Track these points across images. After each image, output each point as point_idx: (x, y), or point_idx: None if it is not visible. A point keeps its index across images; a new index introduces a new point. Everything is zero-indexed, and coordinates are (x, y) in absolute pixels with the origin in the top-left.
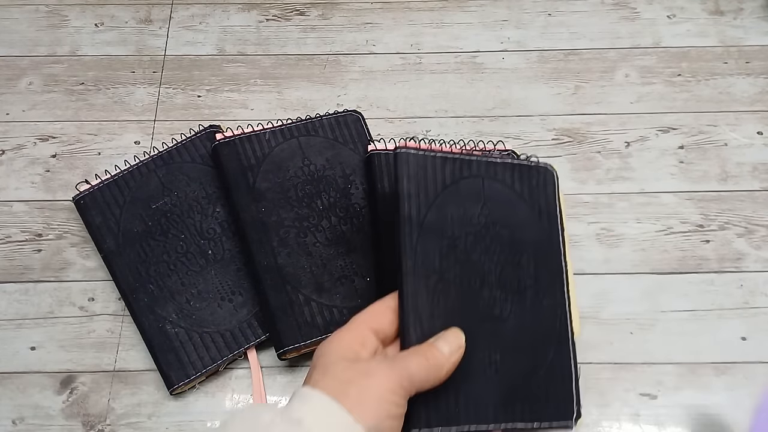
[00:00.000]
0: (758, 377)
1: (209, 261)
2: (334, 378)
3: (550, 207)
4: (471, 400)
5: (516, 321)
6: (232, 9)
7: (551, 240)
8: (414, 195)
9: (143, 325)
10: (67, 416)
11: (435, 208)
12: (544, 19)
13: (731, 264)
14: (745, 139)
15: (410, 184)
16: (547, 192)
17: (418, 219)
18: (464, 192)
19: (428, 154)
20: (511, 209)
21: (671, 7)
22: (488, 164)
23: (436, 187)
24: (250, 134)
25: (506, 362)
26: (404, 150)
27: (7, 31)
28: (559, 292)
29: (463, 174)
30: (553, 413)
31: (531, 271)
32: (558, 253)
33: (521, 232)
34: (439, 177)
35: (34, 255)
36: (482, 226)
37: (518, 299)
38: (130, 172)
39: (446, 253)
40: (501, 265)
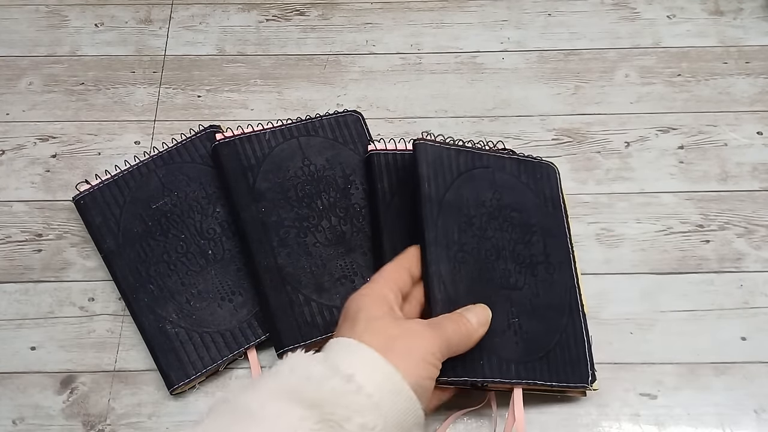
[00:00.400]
0: (758, 377)
1: (209, 261)
2: (379, 333)
3: (554, 195)
4: (494, 356)
5: (530, 290)
6: (232, 9)
7: (557, 224)
8: (433, 177)
9: (143, 325)
10: (68, 416)
11: (453, 190)
12: (544, 19)
13: (731, 264)
14: (745, 139)
15: (428, 169)
16: (551, 183)
17: (437, 197)
18: (477, 179)
19: (443, 146)
20: (519, 196)
21: (671, 8)
22: (497, 158)
23: (452, 173)
24: (250, 134)
25: (524, 325)
26: (422, 141)
27: (7, 31)
28: (567, 269)
29: (476, 164)
30: (570, 374)
31: (541, 248)
32: (564, 236)
33: (530, 216)
34: (454, 165)
35: (34, 255)
36: (494, 207)
37: (530, 272)
38: (130, 172)
39: (464, 228)
40: (513, 242)
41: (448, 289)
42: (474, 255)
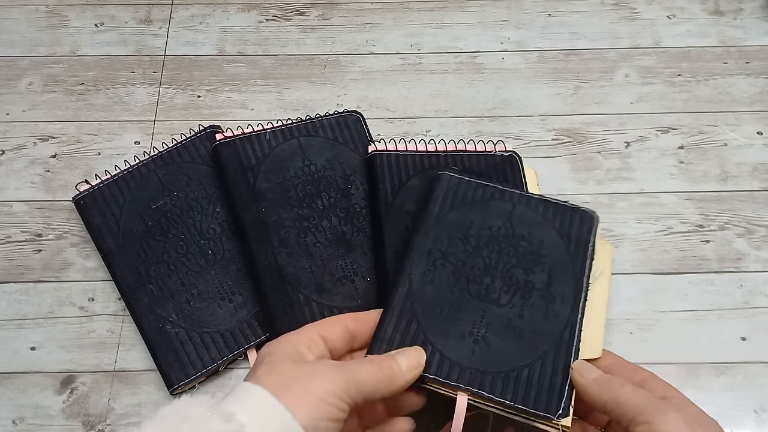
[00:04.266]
0: (758, 377)
1: (209, 261)
2: (278, 375)
3: (581, 239)
4: (438, 353)
5: (513, 310)
6: (232, 9)
7: (575, 265)
8: (442, 200)
9: (143, 325)
10: (68, 416)
11: (459, 212)
12: (544, 19)
13: (731, 264)
14: (745, 140)
15: (442, 193)
16: (582, 228)
17: (439, 214)
18: (492, 210)
19: (465, 179)
20: (537, 231)
21: (671, 8)
22: (521, 196)
23: (465, 198)
24: (250, 134)
25: (490, 338)
26: (445, 173)
27: (7, 31)
28: (569, 305)
29: (495, 197)
30: (533, 399)
31: (543, 279)
32: (580, 277)
33: (542, 250)
34: (470, 195)
35: (34, 255)
36: (501, 234)
37: (521, 294)
38: (130, 173)
39: (456, 243)
40: (510, 266)
41: (412, 288)
42: (456, 265)
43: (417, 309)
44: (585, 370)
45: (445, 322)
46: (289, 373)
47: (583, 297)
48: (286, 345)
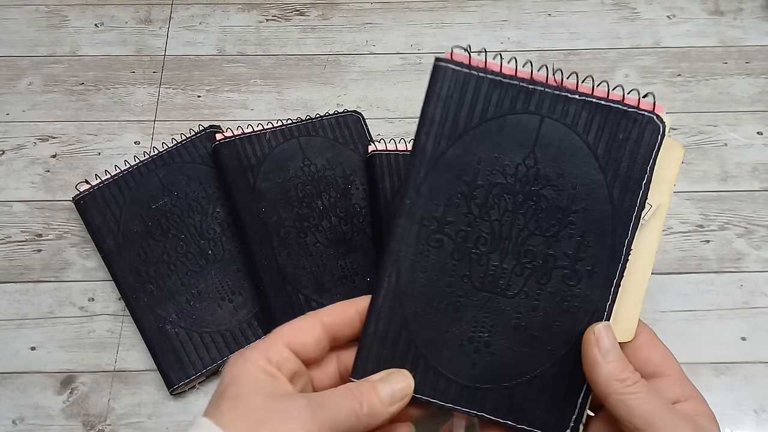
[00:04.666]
0: (758, 377)
1: (209, 261)
2: (244, 414)
3: (633, 173)
4: (432, 369)
5: (525, 302)
6: (232, 9)
7: (619, 219)
8: (438, 122)
9: (143, 325)
10: (68, 416)
11: (461, 145)
12: (544, 19)
13: (731, 264)
14: (745, 139)
15: (437, 108)
16: (637, 152)
17: (433, 153)
18: (510, 131)
19: (474, 73)
20: (570, 165)
21: (671, 8)
22: (557, 98)
23: (470, 118)
24: (250, 134)
25: (494, 344)
26: (444, 63)
27: (7, 31)
28: (602, 287)
29: (516, 107)
30: (540, 419)
31: (571, 248)
32: (622, 237)
33: (575, 199)
34: (480, 105)
35: (34, 255)
36: (519, 178)
37: (537, 278)
38: (130, 172)
39: (456, 202)
40: (529, 231)
41: (400, 280)
42: (456, 239)
43: (407, 311)
44: (605, 344)
45: (441, 326)
46: (256, 413)
47: (620, 271)
48: (252, 368)
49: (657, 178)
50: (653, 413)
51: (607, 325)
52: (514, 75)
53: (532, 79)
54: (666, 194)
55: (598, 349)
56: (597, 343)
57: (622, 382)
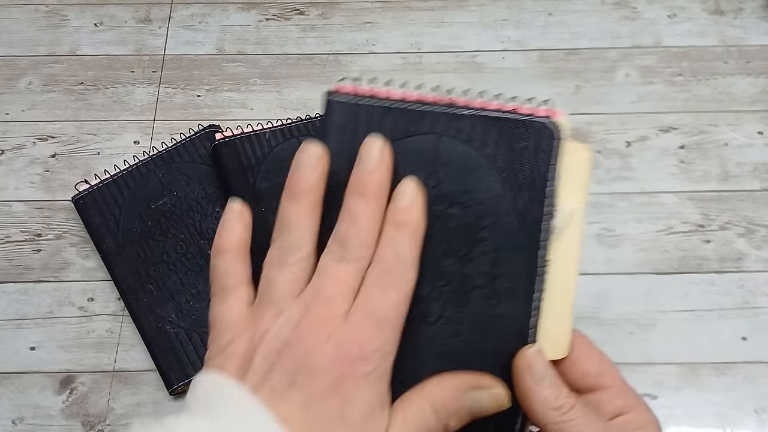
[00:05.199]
0: (759, 377)
1: (209, 261)
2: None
3: (536, 182)
4: None
5: (447, 328)
6: (231, 8)
7: (529, 230)
8: (336, 155)
9: (143, 325)
10: (67, 416)
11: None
12: (544, 18)
13: (732, 264)
14: (746, 139)
15: (334, 142)
16: (537, 160)
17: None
18: (408, 154)
19: (363, 103)
20: (473, 181)
21: (672, 7)
22: (450, 117)
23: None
24: (250, 134)
25: (421, 376)
26: (335, 97)
27: (7, 31)
28: (523, 303)
29: (410, 129)
30: None
31: (486, 268)
32: (535, 248)
33: (482, 214)
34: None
35: (34, 255)
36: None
37: (456, 301)
38: (129, 172)
39: None
40: (441, 255)
41: None
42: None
43: None
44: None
45: None
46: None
47: (539, 284)
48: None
49: (567, 184)
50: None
51: (538, 349)
52: (404, 99)
53: (422, 100)
54: (580, 200)
55: (531, 375)
56: (530, 370)
57: (558, 410)
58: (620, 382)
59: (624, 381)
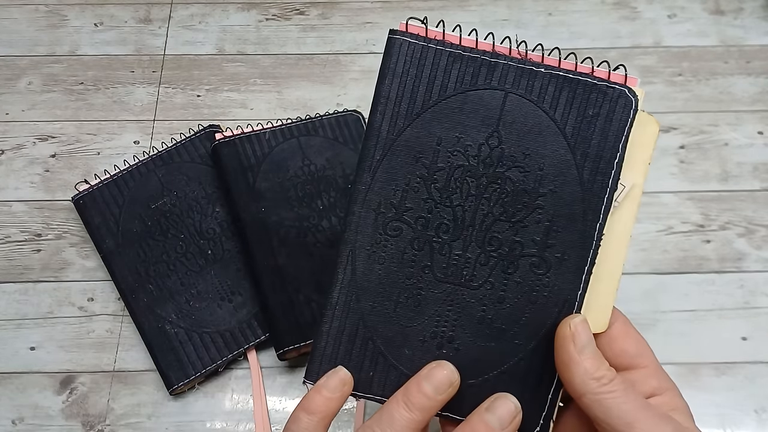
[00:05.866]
0: (759, 377)
1: (209, 261)
2: None
3: (604, 152)
4: (393, 368)
5: (491, 293)
6: (231, 8)
7: (589, 202)
8: (394, 100)
9: (143, 326)
10: (67, 416)
11: (419, 124)
12: (544, 18)
13: (732, 264)
14: (746, 139)
15: (392, 85)
16: (608, 129)
17: (389, 134)
18: (471, 108)
19: (432, 46)
20: (537, 145)
21: (672, 7)
22: (521, 72)
23: (429, 95)
24: (249, 134)
25: (459, 339)
26: (399, 36)
27: (7, 30)
28: (572, 276)
29: (478, 82)
30: None
31: (540, 233)
32: (593, 221)
33: (542, 181)
34: (439, 81)
35: (34, 255)
36: (482, 160)
37: (504, 267)
38: (129, 172)
39: (415, 187)
40: (494, 218)
41: (356, 272)
42: (416, 227)
43: (364, 306)
44: (582, 340)
45: (401, 322)
46: None
47: (591, 258)
48: None
49: (630, 157)
50: (632, 414)
51: (583, 319)
52: (475, 47)
53: (495, 51)
54: (641, 174)
55: (574, 344)
56: (573, 339)
57: (598, 380)
58: (655, 363)
59: (658, 363)
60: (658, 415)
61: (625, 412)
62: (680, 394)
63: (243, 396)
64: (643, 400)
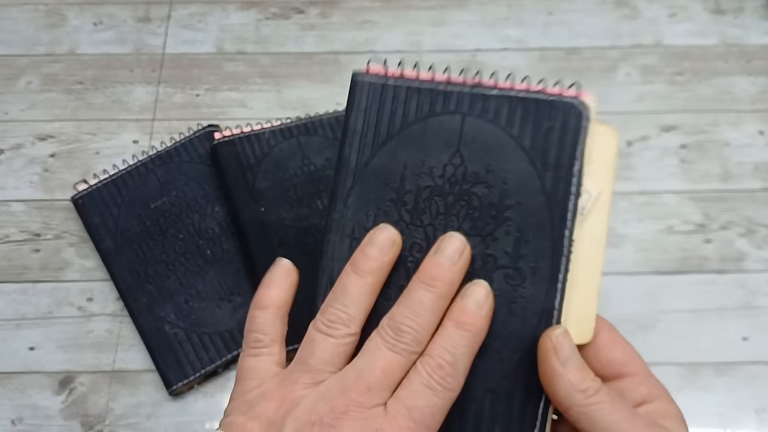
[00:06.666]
0: (759, 377)
1: (208, 261)
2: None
3: (563, 160)
4: None
5: None
6: (231, 7)
7: (555, 209)
8: (360, 133)
9: (142, 326)
10: (66, 416)
11: (385, 152)
12: (544, 17)
13: (732, 264)
14: (747, 139)
15: (357, 119)
16: (564, 139)
17: (358, 163)
18: (432, 133)
19: (390, 83)
20: (498, 161)
21: (672, 6)
22: (475, 97)
23: (392, 125)
24: (249, 133)
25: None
26: (361, 78)
27: (6, 30)
28: (547, 284)
29: (436, 109)
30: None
31: (510, 248)
32: (561, 228)
33: (506, 193)
34: (400, 111)
35: (33, 255)
36: (448, 179)
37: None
38: (128, 172)
39: (386, 210)
40: (464, 233)
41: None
42: None
43: None
44: (565, 352)
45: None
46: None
47: (564, 264)
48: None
49: (594, 166)
50: (619, 424)
51: (564, 330)
52: (431, 80)
53: (449, 81)
54: (606, 181)
55: (557, 357)
56: (555, 351)
57: (584, 392)
58: (645, 370)
59: (648, 370)
60: (646, 424)
61: (612, 423)
62: (672, 400)
63: None
64: (631, 410)
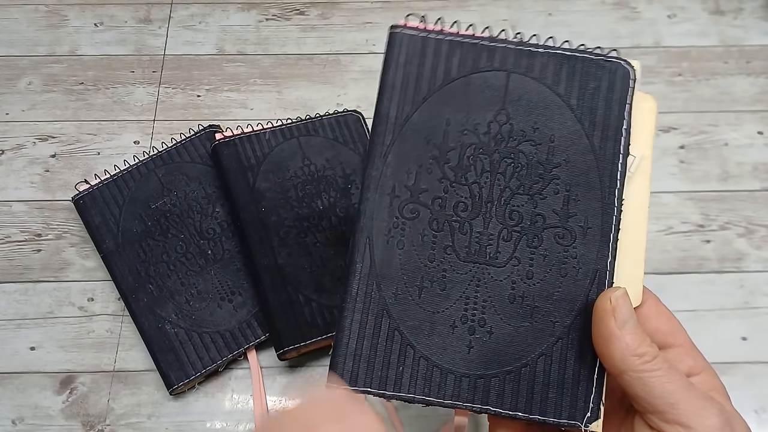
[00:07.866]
0: (759, 377)
1: (209, 261)
2: None
3: (611, 120)
4: (423, 360)
5: (519, 269)
6: (231, 8)
7: (604, 168)
8: (399, 88)
9: (143, 326)
10: (67, 416)
11: (426, 108)
12: (544, 18)
13: (732, 264)
14: (746, 139)
15: (397, 74)
16: (611, 98)
17: (397, 119)
18: (476, 89)
19: (432, 37)
20: (544, 119)
21: (672, 7)
22: (521, 53)
23: (433, 80)
24: (250, 134)
25: (491, 322)
26: (400, 30)
27: (7, 30)
28: (599, 244)
29: (480, 65)
30: (552, 405)
31: (559, 206)
32: (611, 186)
33: (555, 152)
34: (442, 66)
35: (34, 255)
36: (493, 136)
37: (528, 241)
38: (129, 172)
39: (429, 168)
40: (511, 192)
41: (375, 260)
42: (432, 207)
43: (386, 295)
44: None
45: (428, 308)
46: None
47: (615, 223)
48: None
49: (634, 130)
50: (676, 394)
51: (624, 292)
52: (474, 35)
53: (493, 37)
54: (647, 146)
55: (615, 319)
56: (614, 313)
57: (641, 357)
58: (689, 342)
59: (692, 342)
60: (702, 396)
61: (669, 392)
62: (716, 374)
63: (243, 396)
64: (687, 381)
